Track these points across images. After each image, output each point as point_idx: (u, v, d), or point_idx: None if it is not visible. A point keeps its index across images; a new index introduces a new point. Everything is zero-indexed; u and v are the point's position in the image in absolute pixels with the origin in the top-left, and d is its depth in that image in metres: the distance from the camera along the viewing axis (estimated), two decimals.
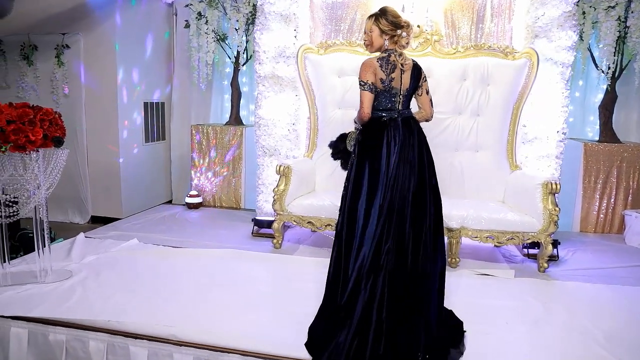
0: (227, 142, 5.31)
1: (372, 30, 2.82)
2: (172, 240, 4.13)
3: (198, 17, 5.10)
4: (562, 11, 4.02)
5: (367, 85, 2.73)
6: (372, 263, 2.56)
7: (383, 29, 2.79)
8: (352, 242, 2.66)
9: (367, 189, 2.69)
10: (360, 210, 2.68)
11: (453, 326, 2.77)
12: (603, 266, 3.88)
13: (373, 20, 2.82)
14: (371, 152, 2.72)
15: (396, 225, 2.61)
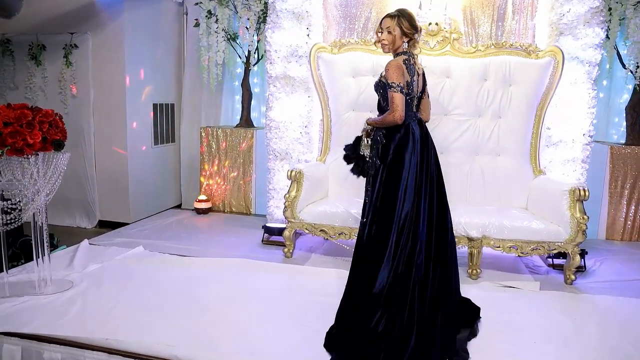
0: (238, 144, 5.15)
1: (394, 30, 2.79)
2: (179, 248, 3.99)
3: (208, 16, 4.95)
4: (589, 7, 3.79)
5: (400, 87, 2.74)
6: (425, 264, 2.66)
7: (405, 31, 2.80)
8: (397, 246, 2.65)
9: (405, 191, 2.71)
10: (401, 214, 2.68)
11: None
12: (633, 278, 3.65)
13: (396, 21, 2.78)
14: (402, 155, 2.75)
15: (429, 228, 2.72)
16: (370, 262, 2.68)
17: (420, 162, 2.77)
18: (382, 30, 2.85)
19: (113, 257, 3.64)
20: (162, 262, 3.62)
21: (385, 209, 2.71)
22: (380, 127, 2.86)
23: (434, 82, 3.94)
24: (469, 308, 2.94)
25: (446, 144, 4.00)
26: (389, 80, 2.74)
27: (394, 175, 2.74)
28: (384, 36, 2.82)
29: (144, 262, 3.60)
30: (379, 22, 2.89)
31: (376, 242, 2.70)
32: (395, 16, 2.81)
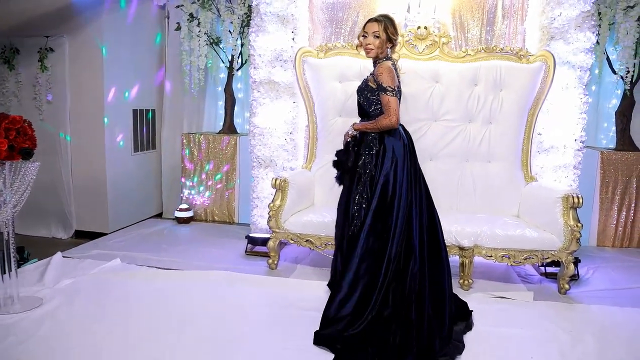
0: (220, 152, 4.99)
1: (381, 35, 2.81)
2: (159, 260, 3.81)
3: (190, 19, 4.80)
4: (580, 11, 3.72)
5: (395, 91, 2.81)
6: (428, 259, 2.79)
7: (390, 36, 2.84)
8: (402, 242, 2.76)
9: (401, 196, 2.78)
10: (398, 220, 2.76)
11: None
12: (628, 286, 3.57)
13: (382, 26, 2.80)
14: (397, 160, 2.83)
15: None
16: (370, 268, 2.75)
17: (410, 166, 2.88)
18: (367, 35, 2.85)
19: (88, 271, 3.45)
20: (140, 275, 3.44)
21: (384, 214, 2.77)
22: (370, 132, 2.88)
23: (423, 86, 3.85)
24: (461, 303, 3.00)
25: (436, 150, 3.89)
26: (384, 83, 2.79)
27: (391, 180, 2.79)
28: (370, 40, 2.84)
29: (121, 275, 3.42)
30: (362, 26, 2.91)
31: (376, 248, 2.76)
32: (381, 21, 2.83)
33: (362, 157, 2.93)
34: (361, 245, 2.78)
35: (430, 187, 3.82)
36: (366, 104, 2.95)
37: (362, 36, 2.89)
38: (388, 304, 2.68)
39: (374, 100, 2.91)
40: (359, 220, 2.86)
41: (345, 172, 3.03)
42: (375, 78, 2.85)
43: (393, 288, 2.70)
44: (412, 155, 2.96)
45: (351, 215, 2.92)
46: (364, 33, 2.89)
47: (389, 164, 2.82)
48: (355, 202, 2.90)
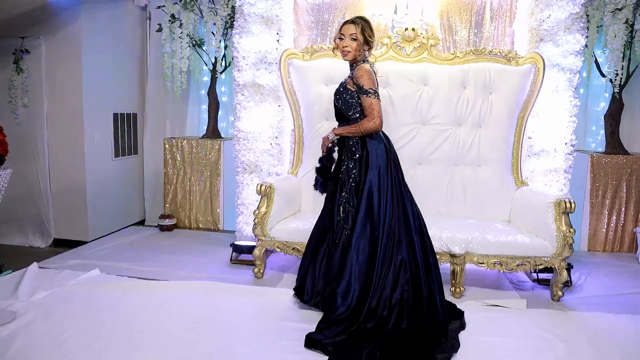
0: (204, 157, 4.86)
1: (359, 37, 2.76)
2: (140, 270, 3.66)
3: (171, 20, 4.67)
4: (569, 13, 3.68)
5: (377, 93, 2.78)
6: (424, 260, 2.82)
7: (367, 39, 2.80)
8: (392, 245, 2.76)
9: (386, 202, 2.77)
10: (385, 226, 2.75)
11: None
12: (621, 292, 3.52)
13: (360, 28, 2.76)
14: (381, 164, 2.81)
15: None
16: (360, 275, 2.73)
17: (394, 170, 2.86)
18: (344, 37, 2.80)
19: (65, 283, 3.29)
20: (120, 286, 3.29)
21: (373, 220, 2.75)
22: (351, 137, 2.84)
23: (411, 89, 3.77)
24: (452, 304, 3.06)
25: (425, 154, 3.80)
26: (365, 86, 2.74)
27: (376, 185, 2.77)
28: (347, 43, 2.79)
29: (100, 287, 3.27)
30: (339, 28, 2.85)
31: (367, 256, 2.74)
32: (358, 23, 2.79)
33: (344, 163, 2.89)
34: (353, 254, 2.74)
35: (420, 192, 3.78)
36: (345, 107, 2.88)
37: (339, 38, 2.84)
38: (377, 314, 2.66)
39: (353, 104, 2.85)
40: (347, 228, 2.82)
41: (328, 179, 2.97)
42: (355, 81, 2.79)
43: (386, 294, 2.69)
44: (395, 159, 2.94)
45: (337, 223, 2.87)
46: (340, 35, 2.83)
47: (374, 169, 2.80)
48: (341, 209, 2.86)
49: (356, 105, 2.83)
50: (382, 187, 2.78)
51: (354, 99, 2.83)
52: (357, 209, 2.78)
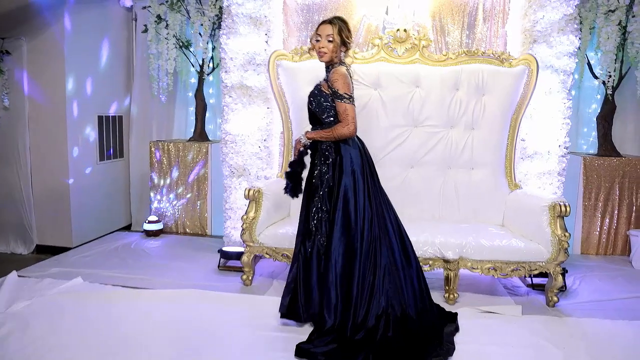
0: (191, 160, 4.75)
1: (336, 38, 2.69)
2: (125, 278, 3.54)
3: (157, 21, 4.56)
4: (563, 14, 3.63)
5: (352, 98, 2.70)
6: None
7: (345, 40, 2.73)
8: (375, 253, 2.68)
9: (364, 206, 2.71)
10: (364, 231, 2.68)
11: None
12: (616, 296, 3.46)
13: (337, 29, 2.67)
14: (356, 169, 2.73)
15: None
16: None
17: (369, 174, 2.80)
18: (321, 38, 2.71)
19: (45, 292, 3.17)
20: (104, 296, 3.18)
21: (350, 226, 2.68)
22: (325, 141, 2.75)
23: (403, 91, 3.70)
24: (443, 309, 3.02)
25: (417, 157, 3.73)
26: (340, 90, 2.67)
27: (352, 190, 2.70)
28: (324, 44, 2.70)
29: (82, 296, 3.15)
30: (315, 28, 2.77)
31: (346, 264, 2.66)
32: (335, 24, 2.70)
33: (317, 167, 2.80)
34: (332, 265, 2.66)
35: (412, 195, 3.73)
36: (319, 110, 2.79)
37: (315, 39, 2.75)
38: (364, 325, 2.58)
39: (327, 107, 2.76)
40: (321, 235, 2.74)
41: (299, 184, 2.86)
42: (330, 84, 2.71)
43: (372, 304, 2.61)
44: (370, 163, 2.87)
45: (310, 230, 2.77)
46: (317, 36, 2.74)
47: (349, 174, 2.72)
48: (314, 216, 2.76)
49: (330, 108, 2.75)
50: (359, 192, 2.71)
51: (328, 102, 2.74)
52: (332, 216, 2.70)
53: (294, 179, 2.85)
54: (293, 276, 2.80)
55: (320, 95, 2.78)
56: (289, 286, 2.81)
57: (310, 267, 2.74)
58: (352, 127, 2.69)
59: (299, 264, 2.77)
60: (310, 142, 2.82)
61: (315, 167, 2.80)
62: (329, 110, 2.76)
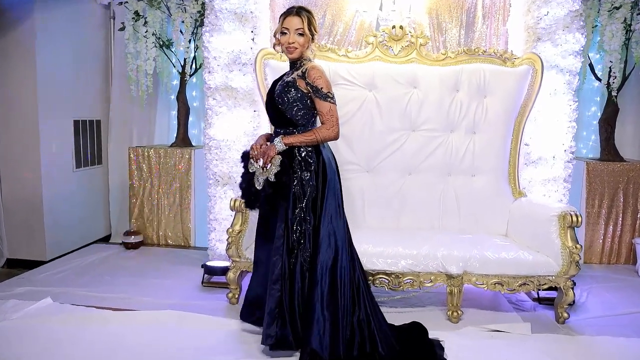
0: (173, 167, 4.47)
1: (305, 33, 2.48)
2: (100, 297, 3.24)
3: (135, 18, 4.27)
4: (568, 10, 3.43)
5: (334, 98, 2.52)
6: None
7: (313, 34, 2.53)
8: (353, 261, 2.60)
9: (342, 213, 2.62)
10: (345, 239, 2.59)
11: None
12: (627, 310, 3.27)
13: (307, 22, 2.45)
14: (334, 175, 2.61)
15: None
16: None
17: (339, 180, 2.68)
18: (288, 32, 2.47)
19: (10, 315, 2.85)
20: (75, 318, 2.87)
21: (335, 239, 2.52)
22: (303, 146, 2.53)
23: (399, 92, 3.47)
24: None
25: (415, 163, 3.50)
26: (324, 89, 2.48)
27: (334, 199, 2.56)
28: (294, 38, 2.47)
29: (51, 320, 2.85)
30: (280, 21, 2.50)
31: (332, 282, 2.48)
32: (304, 16, 2.46)
33: (296, 175, 2.52)
34: (320, 277, 2.46)
35: (410, 204, 3.49)
36: (288, 108, 2.52)
37: (282, 33, 2.50)
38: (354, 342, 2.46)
39: (300, 107, 2.52)
40: (305, 249, 2.50)
41: (282, 196, 2.51)
42: (309, 81, 2.47)
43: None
44: (337, 168, 2.71)
45: (292, 244, 2.50)
46: (283, 29, 2.49)
47: (331, 180, 2.57)
48: (296, 228, 2.50)
49: (303, 108, 2.52)
50: (338, 202, 2.58)
51: (304, 102, 2.51)
52: (316, 228, 2.50)
53: (281, 190, 2.47)
54: (277, 301, 2.46)
55: (291, 93, 2.50)
56: (272, 313, 2.46)
57: (293, 286, 2.49)
58: (337, 130, 2.52)
59: (283, 285, 2.47)
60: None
61: (293, 175, 2.52)
62: (301, 110, 2.52)
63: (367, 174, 3.53)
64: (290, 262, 2.49)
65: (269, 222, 2.61)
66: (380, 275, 3.00)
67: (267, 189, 2.45)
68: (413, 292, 3.15)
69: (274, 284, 2.46)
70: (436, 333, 2.78)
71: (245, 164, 2.58)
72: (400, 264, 2.97)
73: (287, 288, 2.47)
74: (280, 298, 2.45)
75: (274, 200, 2.47)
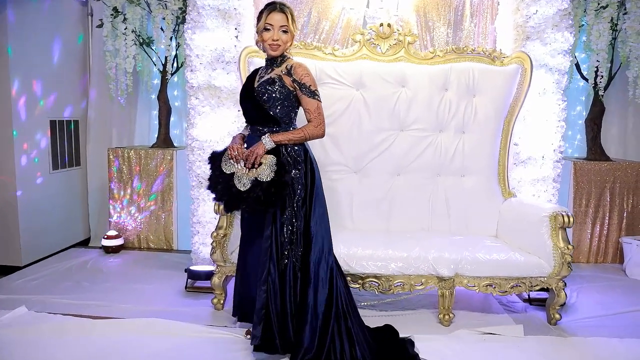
0: (155, 168, 4.34)
1: (289, 30, 2.44)
2: (78, 305, 3.10)
3: (114, 14, 4.13)
4: (557, 9, 3.41)
5: (320, 96, 2.50)
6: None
7: (294, 31, 2.48)
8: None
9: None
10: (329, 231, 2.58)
11: None
12: (617, 310, 3.24)
13: (291, 19, 2.40)
14: (317, 173, 2.58)
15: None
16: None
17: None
18: (272, 28, 2.40)
19: None
20: (51, 328, 2.73)
21: (329, 240, 2.54)
22: (289, 144, 2.48)
23: (388, 91, 3.40)
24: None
25: (404, 163, 3.43)
26: (312, 86, 2.46)
27: (318, 196, 2.54)
28: (279, 35, 2.41)
29: (26, 330, 2.70)
30: (261, 16, 2.43)
31: (329, 289, 2.46)
32: (287, 12, 2.41)
33: (293, 173, 2.49)
34: (313, 276, 2.44)
35: (399, 205, 3.43)
36: (274, 106, 2.45)
37: (265, 29, 2.42)
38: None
39: (288, 104, 2.48)
40: (297, 248, 2.45)
41: (281, 196, 2.42)
42: (296, 78, 2.43)
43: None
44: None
45: (281, 245, 2.43)
46: (267, 25, 2.41)
47: (319, 180, 2.57)
48: (287, 228, 2.45)
49: (288, 105, 2.48)
50: (323, 199, 2.58)
51: (289, 98, 2.46)
52: (306, 226, 2.47)
53: (282, 191, 2.39)
54: (263, 302, 2.39)
55: (279, 90, 2.44)
56: (258, 314, 2.40)
57: (284, 288, 2.42)
58: (324, 127, 2.51)
59: (268, 287, 2.40)
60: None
61: (293, 173, 2.48)
62: (286, 107, 2.48)
63: (355, 175, 3.45)
64: (280, 263, 2.42)
65: (253, 223, 2.53)
66: (370, 279, 2.92)
67: (256, 190, 2.34)
68: (404, 295, 3.08)
69: (262, 285, 2.40)
70: (428, 337, 2.73)
71: (216, 165, 2.49)
72: (391, 266, 2.90)
73: (277, 290, 2.40)
74: (267, 300, 2.39)
75: (268, 201, 2.35)
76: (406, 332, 2.73)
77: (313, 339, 2.36)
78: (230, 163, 2.44)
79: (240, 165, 2.41)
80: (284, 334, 2.40)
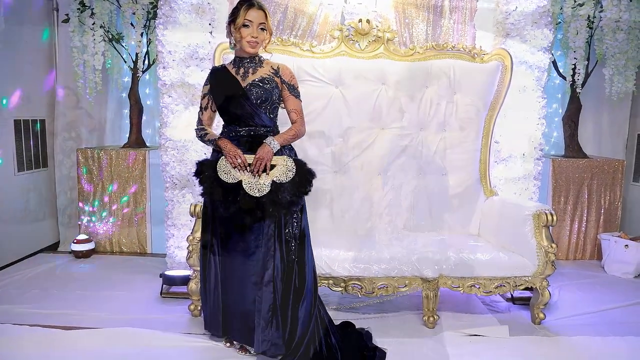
0: (126, 169, 4.18)
1: (267, 28, 2.40)
2: (46, 315, 2.93)
3: (80, 9, 3.95)
4: (537, 5, 3.39)
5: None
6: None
7: (271, 29, 2.47)
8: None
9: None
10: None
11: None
12: (599, 308, 3.25)
13: (267, 17, 2.37)
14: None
15: None
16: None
17: None
18: (251, 25, 2.33)
19: None
20: (17, 340, 2.58)
21: (307, 231, 2.49)
22: (285, 145, 2.45)
23: (368, 89, 3.33)
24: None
25: (385, 163, 3.36)
26: (297, 87, 2.51)
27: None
28: (257, 33, 2.35)
29: None
30: (241, 13, 2.33)
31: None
32: (265, 10, 2.36)
33: (292, 176, 2.44)
34: (308, 274, 2.44)
35: (380, 205, 3.36)
36: (271, 107, 2.45)
37: (244, 25, 2.33)
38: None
39: (277, 104, 2.50)
40: (292, 249, 2.41)
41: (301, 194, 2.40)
42: (286, 80, 2.46)
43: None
44: None
45: (286, 242, 2.39)
46: (246, 22, 2.32)
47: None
48: (288, 226, 2.41)
49: (277, 105, 2.50)
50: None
51: (280, 98, 2.49)
52: (301, 225, 2.45)
53: (304, 188, 2.40)
54: (270, 303, 2.33)
55: (276, 91, 2.44)
56: (266, 317, 2.33)
57: (290, 286, 2.39)
58: (305, 126, 2.56)
59: (274, 286, 2.35)
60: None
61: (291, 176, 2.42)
62: (275, 106, 2.48)
63: (335, 175, 3.37)
64: (289, 259, 2.37)
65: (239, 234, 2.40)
66: (353, 281, 2.84)
67: (279, 193, 2.29)
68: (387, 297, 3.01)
69: (266, 286, 2.33)
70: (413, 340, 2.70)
71: (209, 174, 2.34)
72: (373, 269, 2.82)
73: (283, 288, 2.35)
74: (274, 300, 2.32)
75: (293, 201, 2.33)
76: (390, 335, 2.69)
77: (302, 329, 2.36)
78: (232, 172, 2.32)
79: (247, 173, 2.30)
80: (284, 335, 2.35)
